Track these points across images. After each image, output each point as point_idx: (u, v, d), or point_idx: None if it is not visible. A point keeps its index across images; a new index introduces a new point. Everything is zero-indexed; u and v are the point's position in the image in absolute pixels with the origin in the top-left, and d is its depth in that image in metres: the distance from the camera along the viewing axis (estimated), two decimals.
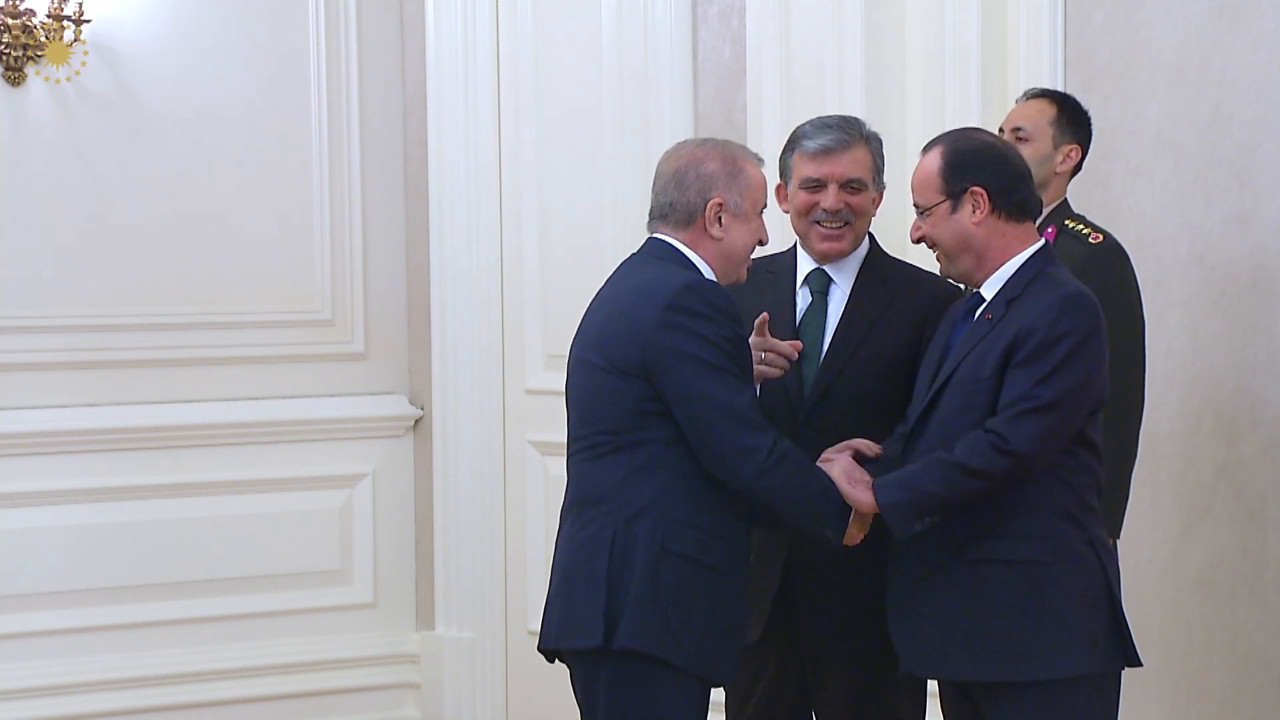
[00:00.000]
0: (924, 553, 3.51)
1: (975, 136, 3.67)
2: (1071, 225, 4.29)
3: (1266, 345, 4.31)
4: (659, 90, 5.78)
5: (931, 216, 3.58)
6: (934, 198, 3.57)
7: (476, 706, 6.39)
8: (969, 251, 3.57)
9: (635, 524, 3.48)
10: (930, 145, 3.66)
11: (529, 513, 6.30)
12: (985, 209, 3.54)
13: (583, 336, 3.65)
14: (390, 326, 6.65)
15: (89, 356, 6.18)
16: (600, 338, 3.57)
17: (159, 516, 6.28)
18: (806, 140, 3.91)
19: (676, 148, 3.73)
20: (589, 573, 3.49)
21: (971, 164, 3.56)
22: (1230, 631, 4.38)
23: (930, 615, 3.50)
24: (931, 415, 3.55)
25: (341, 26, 6.51)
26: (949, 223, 3.56)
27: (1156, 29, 4.51)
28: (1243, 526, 4.36)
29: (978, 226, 3.55)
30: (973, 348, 3.52)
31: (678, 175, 3.65)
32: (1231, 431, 4.38)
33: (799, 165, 3.90)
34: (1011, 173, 3.58)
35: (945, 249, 3.59)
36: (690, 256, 3.61)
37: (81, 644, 6.16)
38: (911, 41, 5.07)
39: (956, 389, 3.51)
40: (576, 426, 3.61)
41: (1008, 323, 3.49)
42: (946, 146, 3.61)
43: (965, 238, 3.56)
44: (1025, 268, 3.55)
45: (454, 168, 6.37)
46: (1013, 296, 3.52)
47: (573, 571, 3.54)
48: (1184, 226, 4.47)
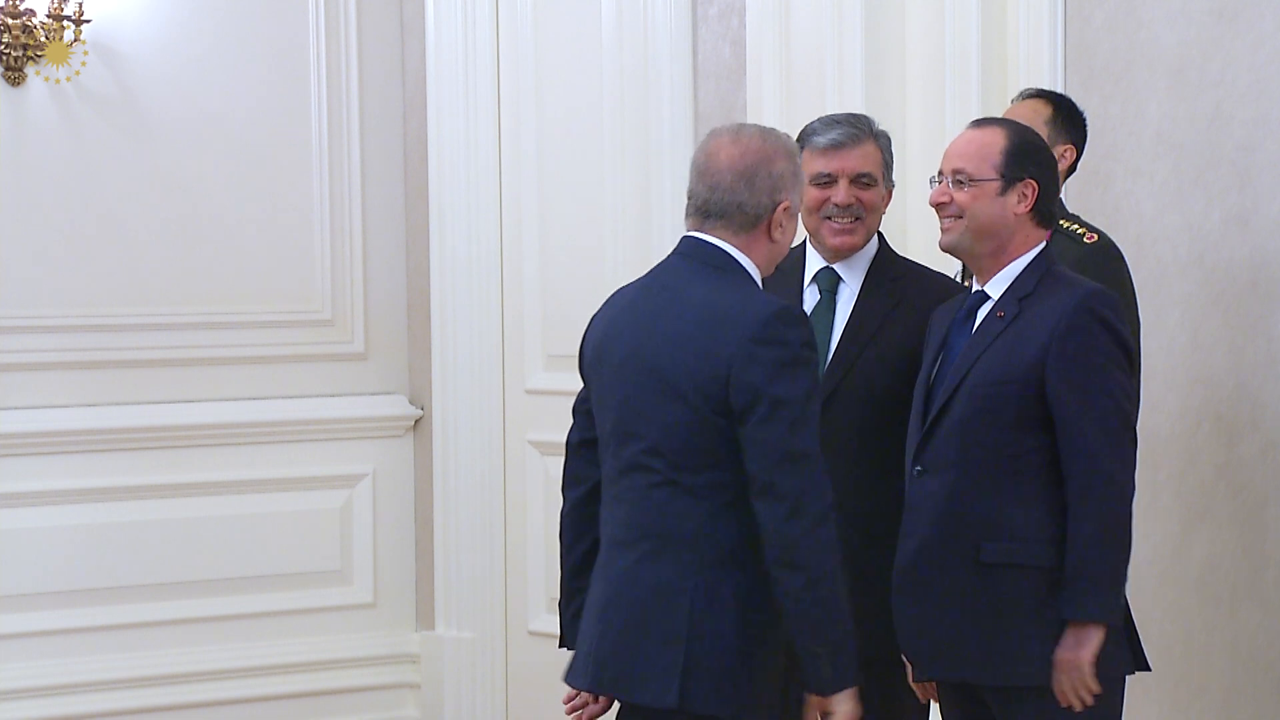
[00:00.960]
0: (935, 555, 3.49)
1: (1035, 134, 3.66)
2: (1065, 225, 4.28)
3: (1266, 345, 4.31)
4: (659, 90, 5.78)
5: (976, 189, 3.52)
6: (988, 172, 3.52)
7: (476, 706, 6.39)
8: (994, 238, 3.53)
9: (719, 571, 3.29)
10: (986, 121, 3.64)
11: (529, 513, 6.30)
12: (1030, 204, 3.53)
13: (632, 347, 3.39)
14: (390, 326, 6.65)
15: (89, 356, 6.18)
16: (667, 360, 3.32)
17: (159, 516, 6.27)
18: (816, 136, 3.90)
19: (734, 138, 3.41)
20: (665, 622, 3.29)
21: (1036, 158, 3.55)
22: (1230, 631, 4.38)
23: (943, 617, 3.48)
24: (944, 419, 3.51)
25: (341, 26, 6.50)
26: (993, 203, 3.52)
27: (1156, 29, 4.51)
28: (1243, 527, 4.36)
29: (1016, 218, 3.53)
30: (986, 348, 3.49)
31: (748, 174, 3.35)
32: (1231, 431, 4.38)
33: (809, 161, 3.85)
34: (1057, 182, 3.62)
35: (975, 226, 3.53)
36: (743, 262, 3.38)
37: (81, 644, 6.15)
38: (911, 41, 5.06)
39: (974, 390, 3.47)
40: (640, 450, 3.36)
41: (1025, 323, 3.47)
42: (1012, 131, 3.58)
43: (1000, 223, 3.52)
44: (1033, 265, 3.54)
45: (454, 168, 6.37)
46: (1024, 294, 3.51)
47: (642, 616, 3.32)
48: (1184, 226, 4.46)
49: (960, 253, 3.61)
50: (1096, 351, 3.42)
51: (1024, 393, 3.43)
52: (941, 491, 3.48)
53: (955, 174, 3.55)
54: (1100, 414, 3.40)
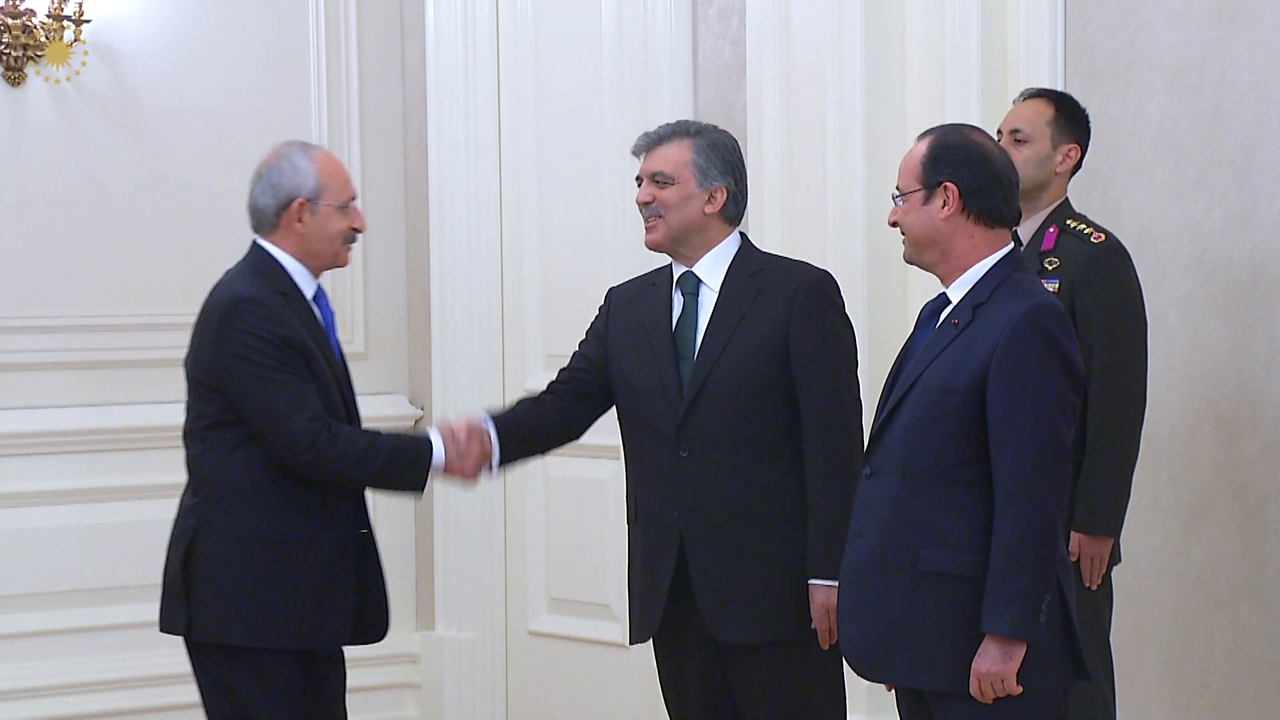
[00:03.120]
0: (878, 560, 3.49)
1: (965, 133, 3.61)
2: (1073, 225, 4.29)
3: (1266, 345, 4.31)
4: (659, 91, 5.77)
5: (906, 203, 3.56)
6: (911, 184, 3.55)
7: (476, 706, 6.39)
8: (934, 245, 3.54)
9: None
10: (924, 134, 3.65)
11: (529, 513, 6.30)
12: (954, 207, 3.51)
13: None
14: (390, 326, 6.64)
15: (89, 356, 6.18)
16: None
17: (159, 516, 6.20)
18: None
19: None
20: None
21: (951, 160, 3.53)
22: (1230, 631, 4.38)
23: (879, 619, 3.49)
24: (894, 421, 3.52)
25: (341, 26, 6.50)
26: (918, 213, 3.54)
27: (1156, 29, 4.51)
28: (1243, 526, 4.36)
29: (944, 222, 3.52)
30: (938, 354, 3.49)
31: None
32: (1231, 431, 4.38)
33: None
34: (989, 176, 3.52)
35: (911, 238, 3.56)
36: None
37: (81, 644, 6.15)
38: (911, 41, 5.06)
39: (921, 396, 3.48)
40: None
41: (975, 331, 3.46)
42: (935, 137, 3.58)
43: (930, 231, 3.53)
44: (992, 273, 3.52)
45: (454, 168, 6.37)
46: (979, 302, 3.50)
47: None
48: (1184, 226, 4.47)
49: (919, 265, 3.63)
50: (1033, 366, 3.40)
51: (967, 401, 3.43)
52: (886, 497, 3.50)
53: (896, 191, 3.60)
54: (1028, 428, 3.38)
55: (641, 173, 4.06)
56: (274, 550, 3.90)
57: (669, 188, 3.99)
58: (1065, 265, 4.22)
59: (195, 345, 3.99)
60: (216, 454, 3.94)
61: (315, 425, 3.88)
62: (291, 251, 4.01)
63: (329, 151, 4.12)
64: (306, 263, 4.03)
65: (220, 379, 3.90)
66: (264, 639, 3.90)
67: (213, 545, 3.93)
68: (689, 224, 4.00)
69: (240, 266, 4.06)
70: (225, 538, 3.92)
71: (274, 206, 3.99)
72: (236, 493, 3.92)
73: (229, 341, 3.88)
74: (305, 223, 3.98)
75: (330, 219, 4.01)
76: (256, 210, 4.03)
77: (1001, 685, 3.38)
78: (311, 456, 3.87)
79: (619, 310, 4.13)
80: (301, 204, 3.96)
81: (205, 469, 3.98)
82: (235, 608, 3.90)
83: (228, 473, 3.93)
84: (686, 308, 4.02)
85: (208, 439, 3.96)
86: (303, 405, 3.88)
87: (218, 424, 3.93)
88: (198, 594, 3.94)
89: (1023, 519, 3.37)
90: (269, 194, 3.99)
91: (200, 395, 3.97)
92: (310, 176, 3.98)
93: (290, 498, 3.92)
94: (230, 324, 3.90)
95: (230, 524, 3.92)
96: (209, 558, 3.93)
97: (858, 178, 5.02)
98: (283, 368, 3.88)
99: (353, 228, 4.06)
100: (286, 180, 3.97)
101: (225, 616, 3.91)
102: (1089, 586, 4.19)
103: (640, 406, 4.02)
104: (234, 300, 3.93)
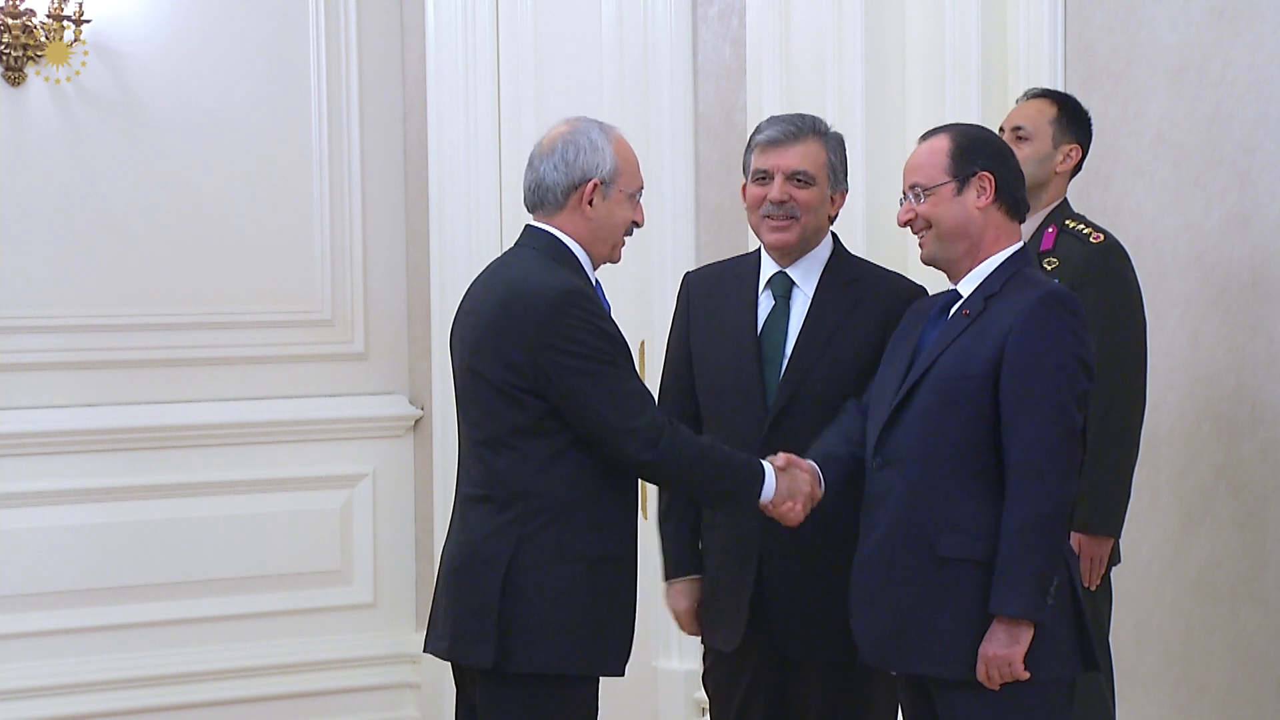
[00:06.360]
0: (893, 545, 3.51)
1: (983, 128, 3.69)
2: (1072, 225, 4.29)
3: (1266, 345, 4.31)
4: (659, 91, 5.77)
5: (934, 196, 3.56)
6: (940, 177, 3.56)
7: None
8: (965, 237, 3.56)
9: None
10: (933, 132, 3.65)
11: None
12: (990, 195, 3.55)
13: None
14: (390, 326, 6.65)
15: (89, 356, 6.18)
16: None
17: (159, 516, 6.28)
18: (758, 134, 3.93)
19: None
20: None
21: (983, 150, 3.58)
22: (1230, 631, 4.38)
23: (893, 608, 3.50)
24: (905, 413, 3.53)
25: (341, 26, 6.51)
26: (952, 204, 3.55)
27: (1156, 29, 4.51)
28: (1243, 526, 4.36)
29: (981, 212, 3.55)
30: (950, 342, 3.51)
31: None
32: (1231, 431, 4.38)
33: (752, 159, 3.92)
34: (1016, 169, 3.61)
35: (942, 231, 3.56)
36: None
37: (81, 644, 6.16)
38: (911, 41, 5.06)
39: (935, 385, 3.50)
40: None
41: (988, 320, 3.49)
42: (955, 131, 3.61)
43: (966, 222, 3.55)
44: (1003, 267, 3.56)
45: (454, 168, 6.38)
46: (991, 293, 3.53)
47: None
48: (1184, 226, 4.46)
49: (939, 263, 3.64)
50: (1047, 349, 3.43)
51: (982, 387, 3.46)
52: (902, 484, 3.51)
53: (913, 189, 3.59)
54: (1040, 412, 3.41)
55: (771, 168, 3.86)
56: (595, 569, 3.57)
57: (810, 188, 3.85)
58: (1064, 265, 4.22)
59: (495, 343, 3.58)
60: (532, 465, 3.55)
61: (660, 420, 3.55)
62: (575, 236, 3.66)
63: (623, 135, 3.79)
64: (590, 249, 3.68)
65: (546, 379, 3.52)
66: (588, 666, 3.58)
67: (533, 566, 3.55)
68: (820, 227, 3.89)
69: (530, 254, 3.67)
70: (548, 558, 3.55)
71: (564, 185, 3.64)
72: (560, 507, 3.55)
73: (558, 337, 3.51)
74: (595, 206, 3.64)
75: (620, 206, 3.68)
76: (541, 187, 3.67)
77: (1009, 669, 3.38)
78: (655, 455, 3.52)
79: (699, 296, 3.97)
80: (595, 185, 3.63)
81: (519, 482, 3.57)
82: (558, 634, 3.54)
83: (549, 485, 3.55)
84: (776, 310, 3.89)
85: (519, 448, 3.57)
86: (646, 401, 3.56)
87: (532, 431, 3.55)
88: (517, 621, 3.54)
89: (1032, 501, 3.39)
90: (560, 170, 3.65)
91: (507, 398, 3.57)
92: (609, 158, 3.66)
93: (612, 511, 3.60)
94: (559, 319, 3.52)
95: (553, 542, 3.54)
96: (530, 581, 3.55)
97: (857, 178, 5.01)
98: (618, 363, 3.55)
99: (635, 221, 3.73)
100: (584, 158, 3.64)
101: (546, 644, 3.53)
102: (1088, 586, 4.18)
103: (721, 408, 3.88)
104: (561, 292, 3.54)
